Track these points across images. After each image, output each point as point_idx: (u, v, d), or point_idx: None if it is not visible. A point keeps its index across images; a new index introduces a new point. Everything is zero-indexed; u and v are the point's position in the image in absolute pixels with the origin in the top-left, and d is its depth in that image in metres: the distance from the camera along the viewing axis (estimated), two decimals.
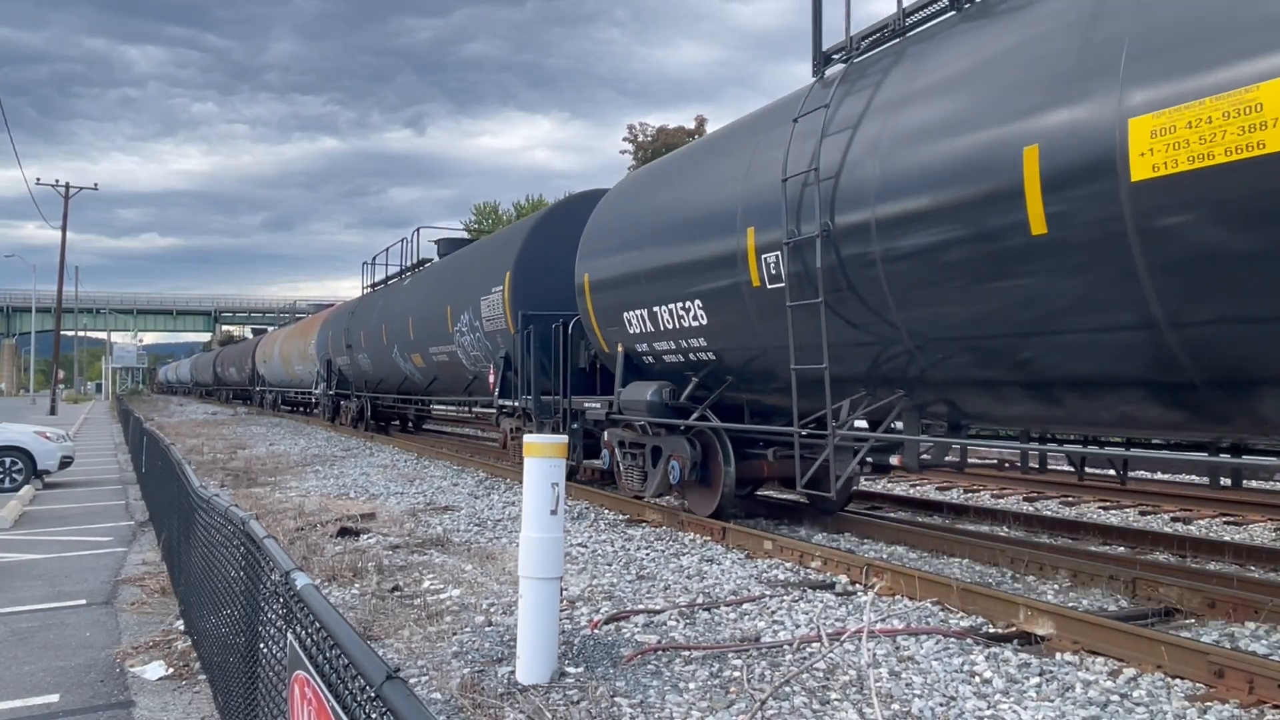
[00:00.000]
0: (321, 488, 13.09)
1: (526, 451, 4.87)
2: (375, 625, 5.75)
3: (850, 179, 6.62)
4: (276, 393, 37.59)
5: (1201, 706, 4.30)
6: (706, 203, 8.56)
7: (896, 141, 6.26)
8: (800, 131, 7.31)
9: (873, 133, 6.51)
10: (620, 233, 10.10)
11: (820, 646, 5.15)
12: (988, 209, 5.52)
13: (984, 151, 5.54)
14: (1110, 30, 4.94)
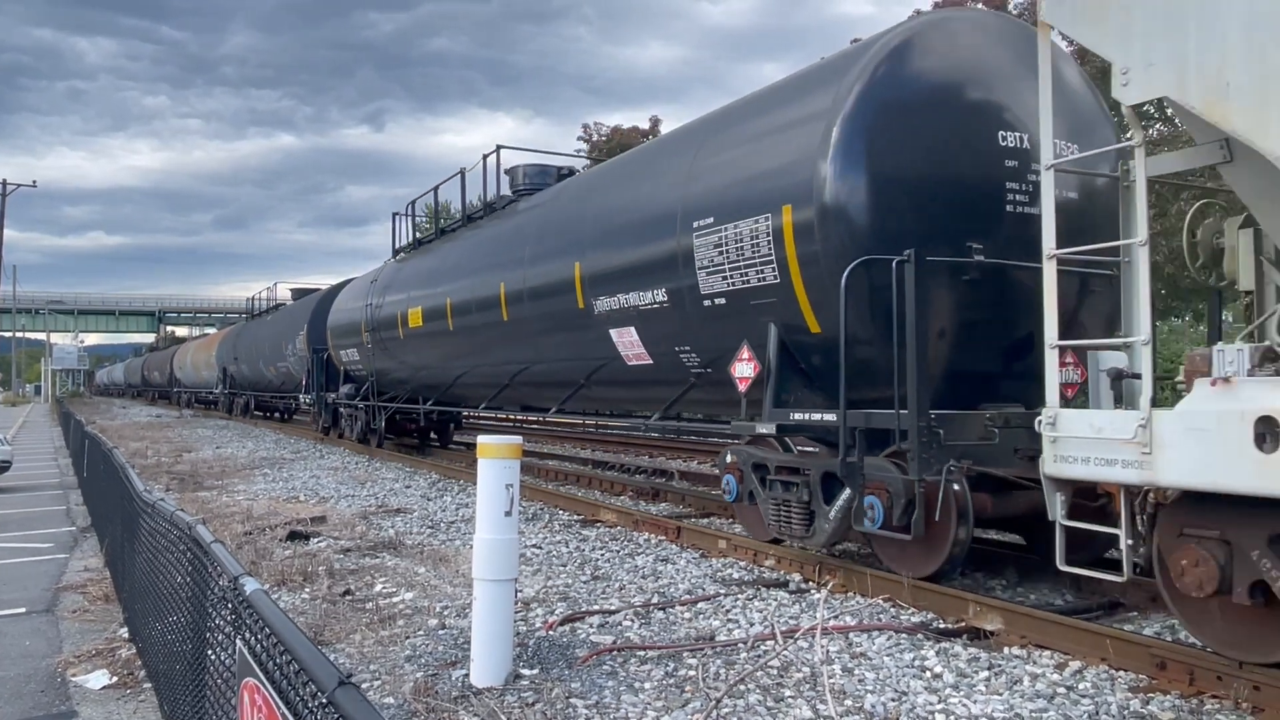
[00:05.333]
0: (270, 491, 12.90)
1: (480, 453, 4.76)
2: (326, 630, 5.68)
3: (386, 307, 16.32)
4: (190, 393, 46.50)
5: (1144, 697, 4.39)
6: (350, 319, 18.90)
7: (429, 279, 14.76)
8: (377, 286, 17.39)
9: (404, 285, 15.87)
10: (348, 318, 19.13)
11: (775, 644, 5.17)
12: (485, 312, 12.20)
13: (484, 285, 12.29)
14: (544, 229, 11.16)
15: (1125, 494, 4.68)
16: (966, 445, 5.98)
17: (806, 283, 6.79)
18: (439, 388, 15.25)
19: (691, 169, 8.26)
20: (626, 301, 8.92)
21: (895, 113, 6.56)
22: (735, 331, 7.55)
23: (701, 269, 7.76)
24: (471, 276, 12.75)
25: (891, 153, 6.51)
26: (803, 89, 7.60)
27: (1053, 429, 4.95)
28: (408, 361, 15.96)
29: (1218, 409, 4.18)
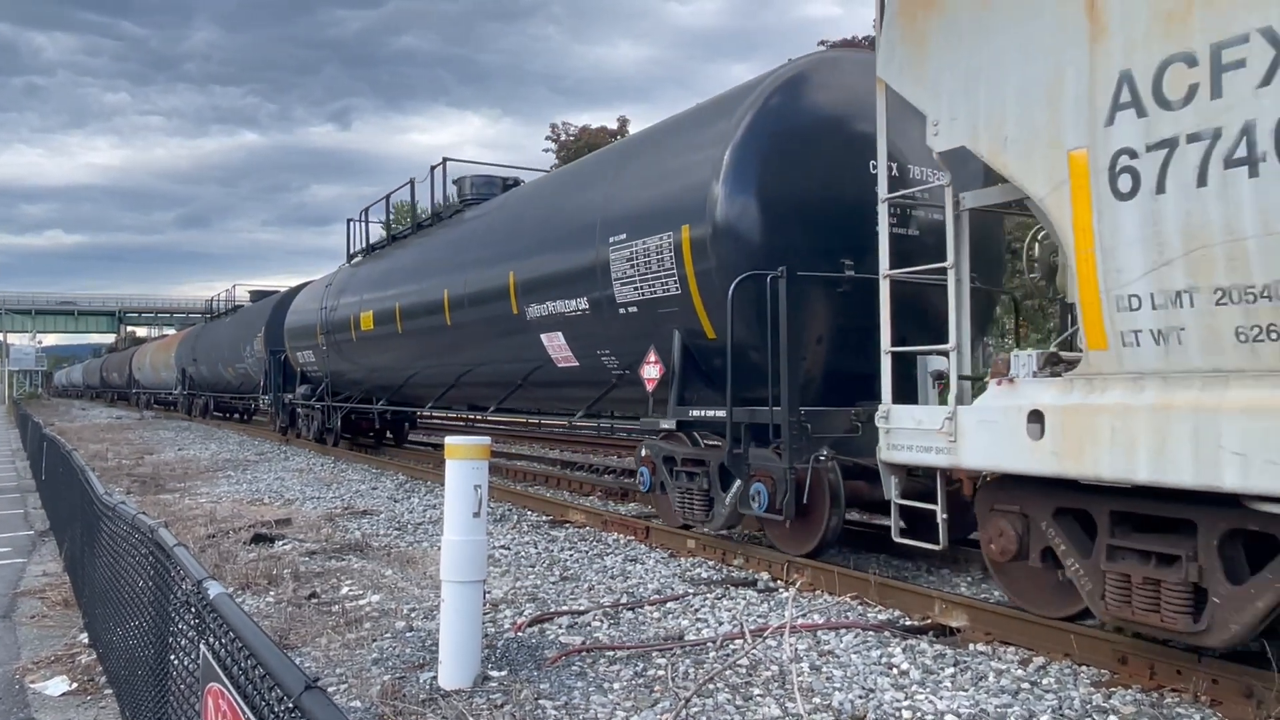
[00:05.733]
0: (234, 493, 12.73)
1: (449, 454, 4.76)
2: (292, 633, 5.63)
3: (340, 310, 16.77)
4: (148, 394, 46.54)
5: (1106, 691, 4.45)
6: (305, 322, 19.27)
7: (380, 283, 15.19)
8: (331, 290, 17.77)
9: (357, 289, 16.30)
10: (304, 321, 19.43)
11: (743, 643, 5.19)
12: (431, 316, 12.58)
13: (430, 290, 12.81)
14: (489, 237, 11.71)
15: (940, 476, 5.43)
16: (834, 437, 6.72)
17: (703, 294, 7.49)
18: (391, 388, 15.69)
19: (610, 189, 8.95)
20: (554, 308, 9.57)
21: (781, 141, 7.28)
22: (646, 337, 8.13)
23: (616, 280, 8.42)
24: (419, 282, 13.31)
25: (777, 177, 7.18)
26: (704, 119, 8.28)
27: (886, 422, 5.68)
28: (361, 363, 16.34)
29: (1002, 404, 4.91)
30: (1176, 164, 4.04)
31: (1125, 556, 4.57)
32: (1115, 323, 4.36)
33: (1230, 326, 3.93)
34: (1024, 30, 4.73)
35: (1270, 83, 3.73)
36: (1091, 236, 4.40)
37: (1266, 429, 3.76)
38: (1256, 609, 4.09)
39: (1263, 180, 3.75)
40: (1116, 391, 4.37)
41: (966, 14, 5.06)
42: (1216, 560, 4.21)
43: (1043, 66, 4.62)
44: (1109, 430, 4.32)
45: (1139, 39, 4.20)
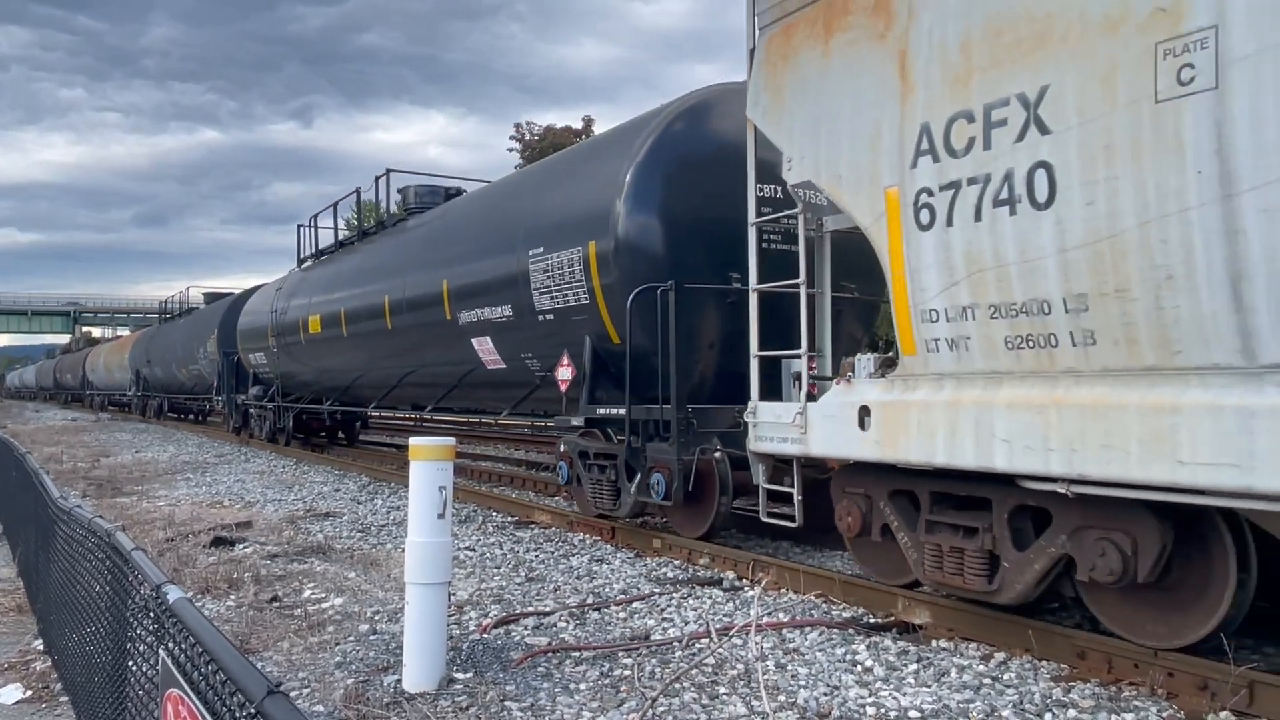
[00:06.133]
0: (193, 496, 12.63)
1: (412, 455, 4.75)
2: (253, 638, 5.57)
3: (290, 313, 17.23)
4: (103, 395, 46.50)
5: (1066, 686, 4.53)
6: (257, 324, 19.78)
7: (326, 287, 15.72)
8: (282, 294, 18.23)
9: (306, 293, 16.72)
10: (256, 323, 19.83)
11: (709, 642, 5.22)
12: (374, 320, 13.22)
13: (373, 295, 13.43)
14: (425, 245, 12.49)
15: (796, 463, 6.18)
16: (721, 432, 7.38)
17: (608, 303, 8.22)
18: (339, 389, 16.23)
19: (531, 205, 9.72)
20: (483, 315, 10.26)
21: (679, 163, 7.94)
22: (561, 342, 8.82)
23: (535, 289, 9.15)
24: (363, 287, 13.94)
25: (674, 196, 7.94)
26: (613, 143, 8.97)
27: (753, 417, 6.45)
28: (310, 365, 16.85)
29: (841, 401, 5.70)
30: (960, 202, 4.80)
31: (939, 530, 5.36)
32: (920, 332, 5.12)
33: (1001, 336, 4.71)
34: (854, 87, 5.48)
35: (1023, 139, 4.50)
36: (902, 260, 5.15)
37: (1025, 420, 4.56)
38: (1035, 570, 4.90)
39: (1019, 218, 4.53)
40: (922, 390, 5.14)
41: (812, 70, 5.81)
42: (1006, 531, 5.02)
43: (867, 117, 5.37)
44: (916, 422, 5.11)
45: (935, 98, 4.95)
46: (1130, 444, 4.13)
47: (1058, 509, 4.75)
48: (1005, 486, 4.88)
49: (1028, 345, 4.60)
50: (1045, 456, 4.46)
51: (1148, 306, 4.08)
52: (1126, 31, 4.10)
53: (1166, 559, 4.45)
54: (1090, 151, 4.22)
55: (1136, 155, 4.05)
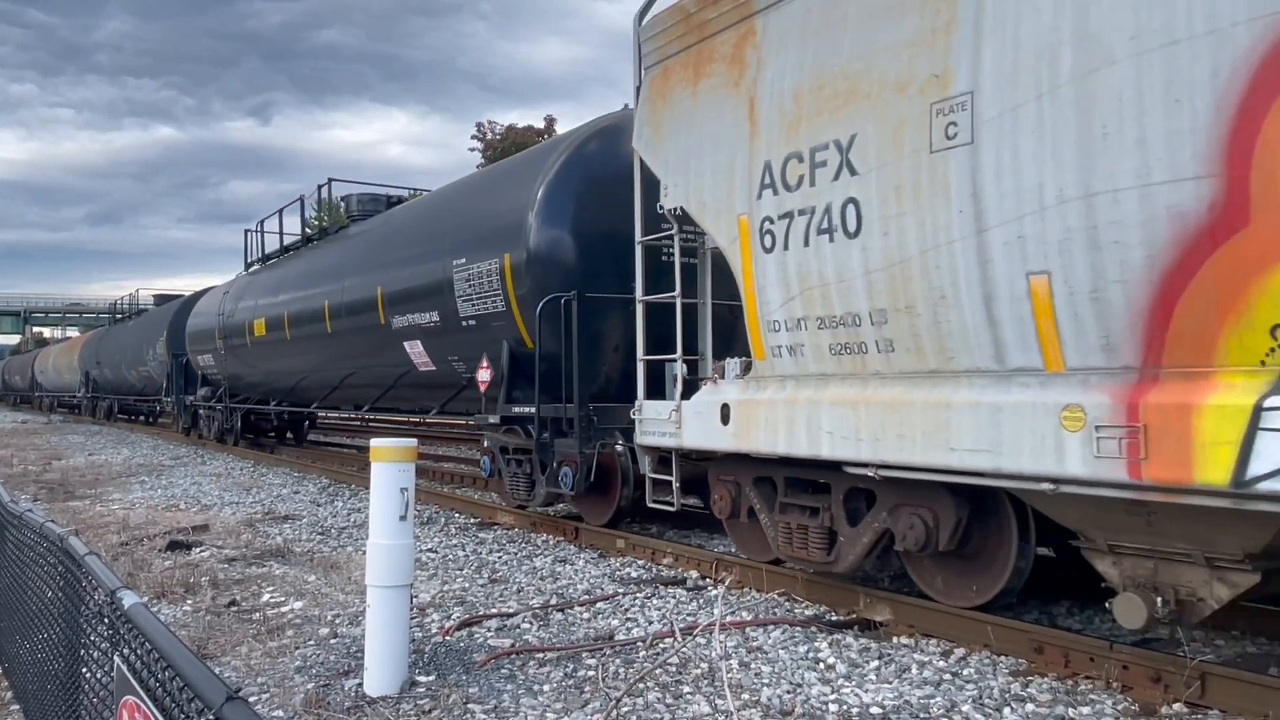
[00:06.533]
0: (149, 499, 12.46)
1: (374, 456, 4.74)
2: (211, 643, 5.54)
3: (236, 316, 17.58)
4: (53, 397, 46.39)
5: (1024, 680, 4.62)
6: (206, 326, 20.20)
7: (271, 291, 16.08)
8: (229, 297, 18.50)
9: (252, 297, 17.03)
10: (204, 325, 20.17)
11: (673, 642, 5.27)
12: (315, 324, 13.66)
13: (314, 300, 13.71)
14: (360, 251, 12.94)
15: (675, 455, 6.86)
16: (620, 428, 7.93)
17: (521, 311, 8.84)
18: (284, 390, 16.71)
19: (457, 218, 10.40)
20: (414, 319, 10.83)
21: (589, 181, 8.57)
22: (483, 345, 9.44)
23: (459, 297, 9.74)
24: (305, 290, 14.44)
25: (583, 211, 8.57)
26: (530, 160, 9.71)
27: (639, 414, 7.08)
28: (257, 366, 17.32)
29: (708, 399, 6.37)
30: (794, 230, 5.55)
31: (790, 510, 6.15)
32: (767, 340, 5.88)
33: (826, 344, 5.46)
34: (715, 126, 6.22)
35: (838, 178, 5.24)
36: (752, 278, 5.91)
37: (843, 415, 5.32)
38: (863, 543, 5.69)
39: (836, 245, 5.27)
40: (769, 390, 5.90)
41: (684, 109, 6.53)
42: (842, 511, 5.81)
43: (725, 154, 6.11)
44: (763, 418, 5.87)
45: (775, 139, 5.70)
46: (917, 434, 4.90)
47: (880, 490, 5.52)
48: (839, 473, 5.63)
49: (846, 352, 5.38)
50: (858, 446, 5.23)
51: (929, 320, 4.84)
52: (911, 92, 4.85)
53: (963, 531, 5.24)
54: (885, 191, 4.98)
55: (917, 195, 4.81)
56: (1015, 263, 4.35)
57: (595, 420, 8.05)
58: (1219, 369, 3.73)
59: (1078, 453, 4.12)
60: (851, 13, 5.21)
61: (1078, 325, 4.15)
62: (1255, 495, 3.59)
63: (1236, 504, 3.68)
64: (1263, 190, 3.52)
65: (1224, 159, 3.61)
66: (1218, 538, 4.04)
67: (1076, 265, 4.09)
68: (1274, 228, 3.49)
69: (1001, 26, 4.40)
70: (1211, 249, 3.66)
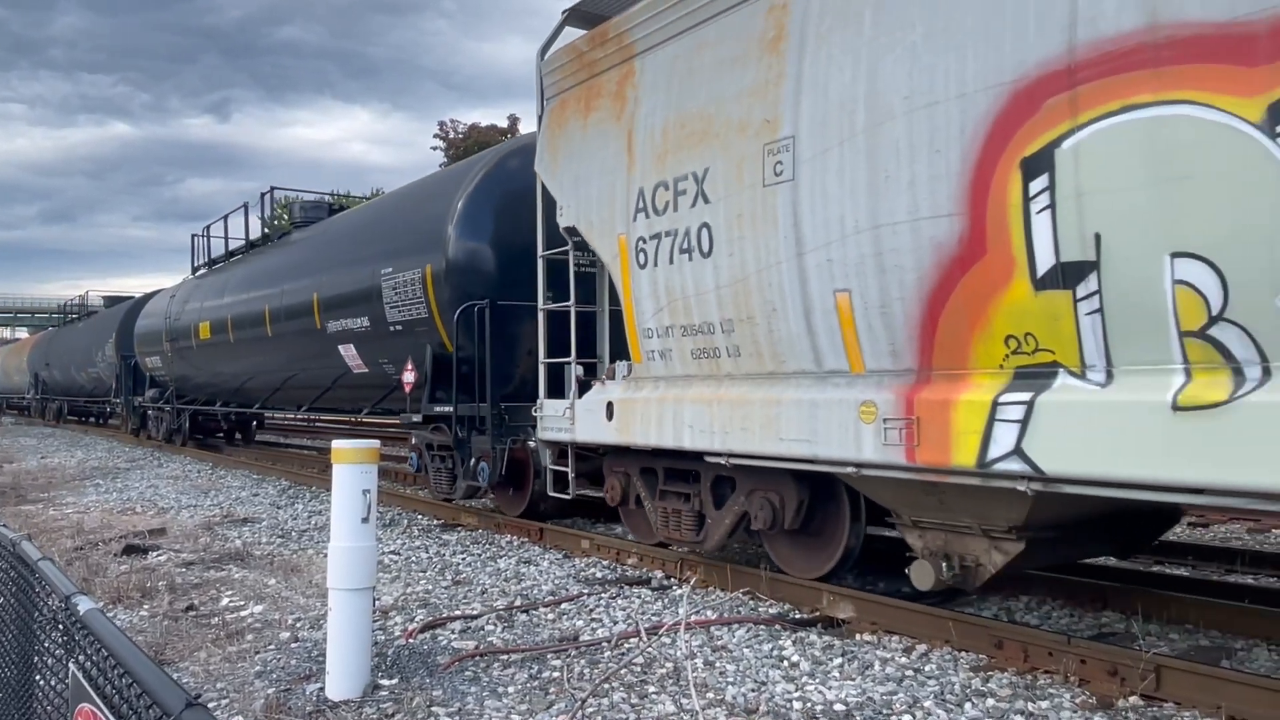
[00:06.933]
0: (104, 502, 12.32)
1: (335, 458, 4.69)
2: (169, 648, 5.47)
3: (183, 319, 18.08)
4: (2, 399, 47.19)
5: (984, 675, 4.65)
6: (153, 329, 20.71)
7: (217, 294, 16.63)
8: (176, 300, 19.14)
9: (198, 300, 17.62)
10: (152, 327, 20.52)
11: (638, 641, 5.27)
12: (256, 328, 14.08)
13: (256, 304, 14.23)
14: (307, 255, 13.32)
15: (570, 448, 7.51)
16: (529, 425, 8.44)
17: (442, 317, 9.44)
18: (229, 391, 17.22)
19: (385, 228, 11.09)
20: (347, 324, 11.40)
21: (507, 196, 9.15)
22: (408, 349, 10.08)
23: (387, 304, 10.34)
24: (248, 295, 14.96)
25: (501, 224, 9.16)
26: (453, 175, 10.35)
27: (540, 412, 7.78)
28: (202, 368, 17.82)
29: (597, 398, 7.09)
30: (661, 249, 6.33)
31: (669, 497, 6.91)
32: (643, 345, 6.65)
33: (689, 349, 6.26)
34: (601, 154, 6.95)
35: (695, 205, 6.02)
36: (630, 291, 6.68)
37: (701, 411, 6.10)
38: (726, 524, 6.46)
39: (693, 263, 6.06)
40: (645, 389, 6.68)
41: (577, 138, 7.26)
42: (710, 496, 6.58)
43: (609, 179, 6.85)
44: (640, 414, 6.63)
45: (647, 169, 6.46)
46: (756, 427, 5.69)
47: (739, 477, 6.29)
48: (704, 463, 6.38)
49: (704, 356, 6.17)
50: (712, 438, 6.02)
51: (765, 329, 5.65)
52: (749, 134, 5.64)
53: (806, 512, 6.04)
54: (730, 218, 5.76)
55: (754, 223, 5.60)
56: (826, 281, 5.15)
57: (507, 418, 8.72)
58: (970, 371, 4.56)
59: (871, 441, 4.93)
60: (707, 62, 6.00)
61: (872, 334, 4.97)
62: (993, 474, 4.41)
63: (983, 482, 4.49)
64: (994, 227, 4.33)
65: (968, 200, 4.42)
66: (991, 513, 4.82)
67: (869, 285, 4.91)
68: (1003, 258, 4.31)
69: (816, 82, 5.20)
70: (962, 273, 4.48)
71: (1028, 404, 4.27)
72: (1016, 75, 4.22)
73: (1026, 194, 4.18)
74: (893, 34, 4.79)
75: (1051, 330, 4.20)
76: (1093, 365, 4.10)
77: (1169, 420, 3.78)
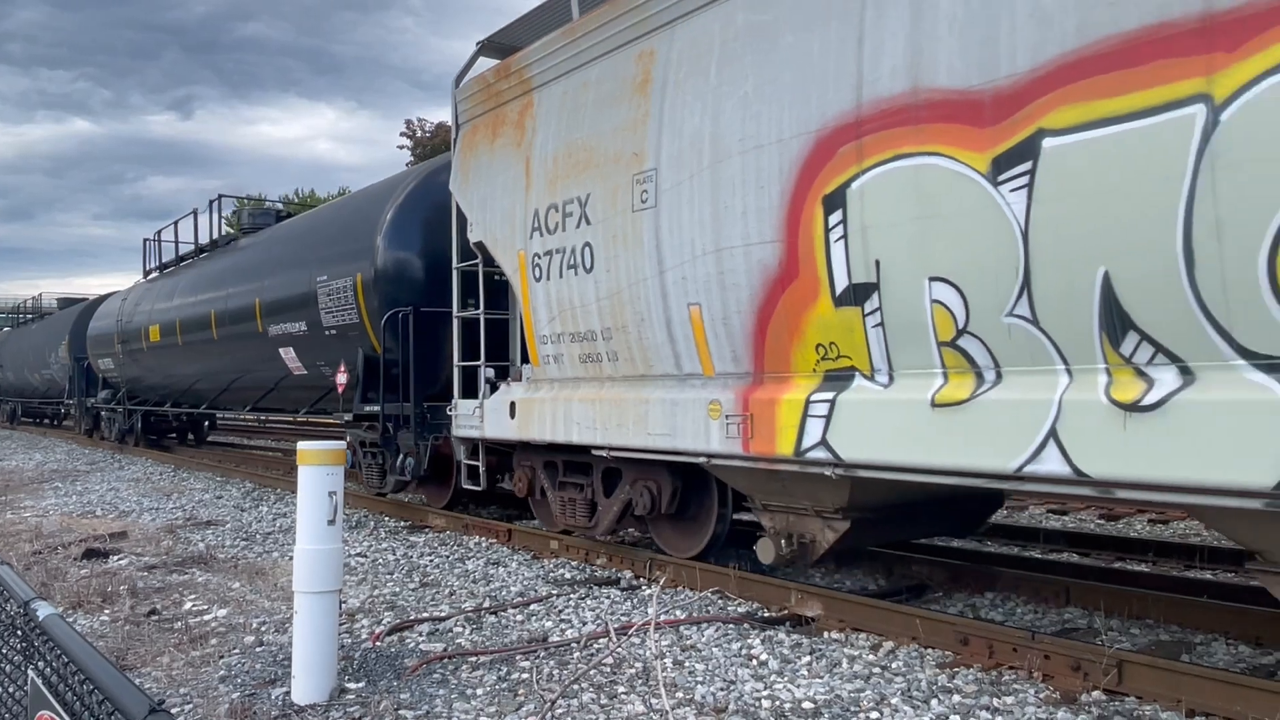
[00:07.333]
0: (63, 506, 12.20)
1: (301, 459, 4.65)
2: (131, 653, 5.41)
3: (134, 322, 18.32)
4: None
5: (950, 672, 4.69)
6: (106, 331, 21.33)
7: (166, 298, 17.12)
8: (127, 304, 19.35)
9: (149, 303, 17.97)
10: (104, 330, 20.81)
11: (608, 642, 5.26)
12: (203, 331, 14.57)
13: (203, 308, 14.70)
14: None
15: (480, 444, 8.26)
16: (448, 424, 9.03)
17: (371, 322, 10.07)
18: (179, 392, 17.74)
19: (321, 238, 11.66)
20: (286, 329, 11.98)
21: (433, 208, 9.58)
22: (342, 352, 10.71)
23: (323, 309, 10.96)
24: (195, 298, 15.53)
25: (428, 235, 9.69)
26: (384, 188, 10.95)
27: (454, 411, 8.50)
28: (153, 370, 18.28)
29: (502, 398, 7.82)
30: (553, 264, 7.06)
31: (566, 487, 7.65)
32: (540, 351, 7.37)
33: (577, 354, 6.99)
34: (504, 177, 7.66)
35: (580, 227, 6.76)
36: (528, 301, 7.40)
37: (586, 409, 6.84)
38: (614, 511, 7.17)
39: (579, 278, 6.79)
40: (542, 390, 7.41)
41: (485, 161, 7.96)
42: (600, 486, 7.30)
43: (510, 200, 7.56)
44: (537, 412, 7.36)
45: (541, 192, 7.18)
46: (630, 423, 6.46)
47: (624, 468, 7.01)
48: (594, 456, 7.08)
49: (589, 360, 6.91)
50: (595, 433, 6.77)
51: (635, 337, 6.40)
52: (621, 165, 6.39)
53: (681, 499, 6.78)
54: (608, 238, 6.50)
55: (626, 243, 6.35)
56: (681, 296, 5.93)
57: (429, 417, 9.41)
58: (792, 374, 5.36)
59: (717, 435, 5.72)
60: (590, 99, 6.74)
61: (718, 343, 5.75)
62: (806, 462, 5.21)
63: (800, 469, 5.29)
64: (805, 253, 5.13)
65: (786, 229, 5.21)
66: (822, 496, 5.60)
67: (714, 299, 5.69)
68: (812, 279, 5.11)
69: (674, 122, 5.96)
70: (782, 291, 5.27)
71: (831, 402, 5.08)
72: (820, 125, 5.02)
73: (827, 225, 4.98)
74: (732, 84, 5.57)
75: (849, 340, 5.01)
76: (879, 369, 4.92)
77: (929, 415, 4.60)
